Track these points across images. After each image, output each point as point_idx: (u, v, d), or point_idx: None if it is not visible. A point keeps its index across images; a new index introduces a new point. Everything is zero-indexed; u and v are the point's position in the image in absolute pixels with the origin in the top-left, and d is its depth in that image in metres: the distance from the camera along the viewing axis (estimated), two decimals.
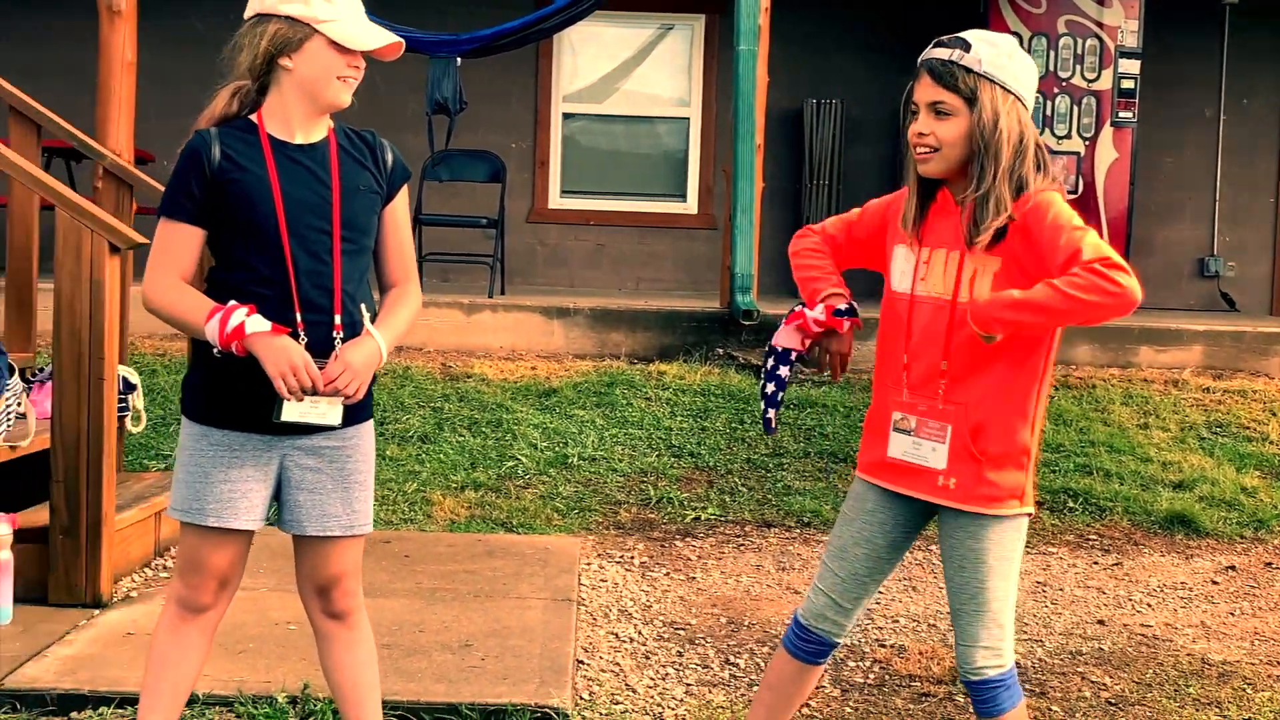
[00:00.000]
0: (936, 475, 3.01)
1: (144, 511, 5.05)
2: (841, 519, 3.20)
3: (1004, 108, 2.94)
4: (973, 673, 3.06)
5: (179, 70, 10.82)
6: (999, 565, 3.01)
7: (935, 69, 2.98)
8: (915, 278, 3.07)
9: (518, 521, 6.05)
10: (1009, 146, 2.94)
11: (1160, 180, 11.26)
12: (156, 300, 3.00)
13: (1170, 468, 6.99)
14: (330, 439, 3.07)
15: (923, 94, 2.99)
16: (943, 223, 3.05)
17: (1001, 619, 3.04)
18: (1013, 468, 3.01)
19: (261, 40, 2.99)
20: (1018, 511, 3.03)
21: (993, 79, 2.94)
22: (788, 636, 3.25)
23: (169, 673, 3.11)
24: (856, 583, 3.16)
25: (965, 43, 2.98)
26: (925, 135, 2.98)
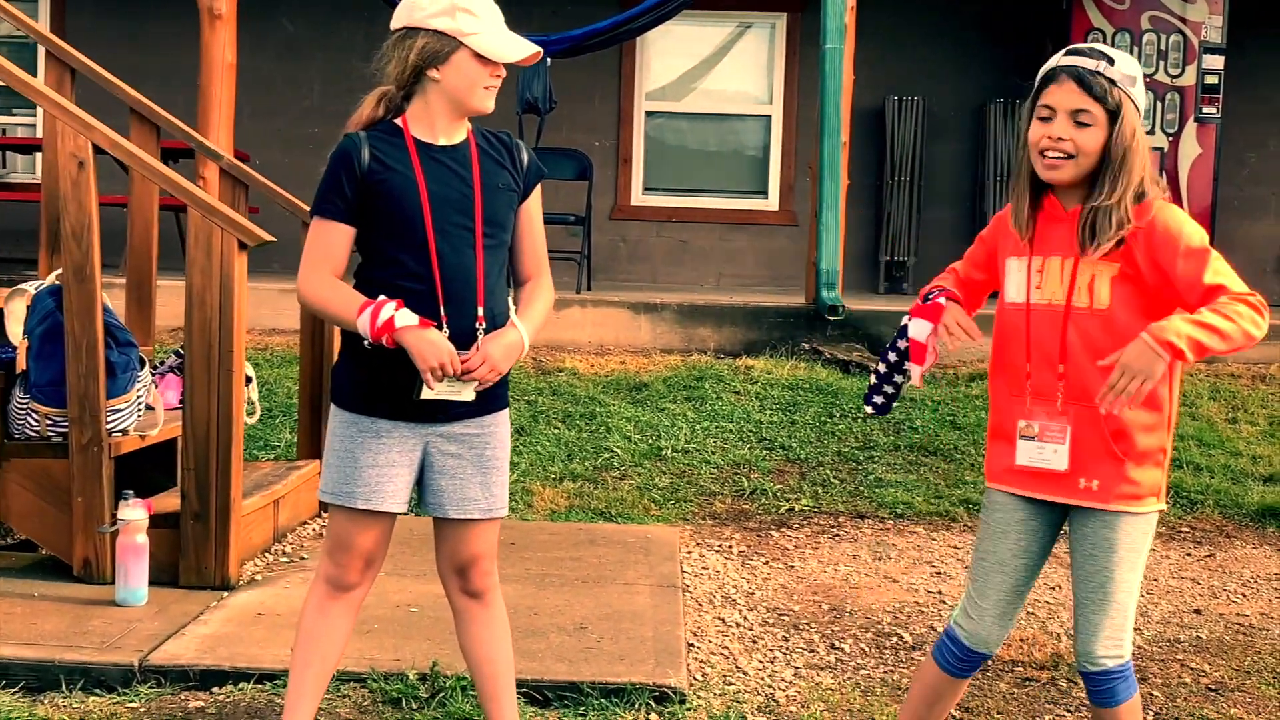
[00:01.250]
0: (1078, 478, 3.08)
1: (264, 499, 5.25)
2: (990, 534, 3.22)
3: (1138, 124, 3.02)
4: (1092, 663, 3.13)
5: (270, 71, 11.10)
6: (1129, 556, 3.08)
7: (1083, 78, 3.00)
8: (1029, 286, 3.13)
9: (616, 511, 6.20)
10: (1138, 162, 3.01)
11: (1243, 176, 11.24)
12: (311, 295, 3.17)
13: (1260, 461, 7.03)
14: (469, 426, 3.23)
15: (1066, 100, 3.01)
16: (1053, 229, 3.11)
17: (1126, 611, 3.11)
18: (1151, 465, 3.09)
19: (410, 53, 3.14)
20: (1154, 509, 3.11)
21: (1132, 97, 3.02)
22: (942, 654, 3.29)
23: (317, 647, 3.27)
24: (1017, 594, 3.22)
25: (1109, 56, 3.03)
26: (1064, 141, 3.01)
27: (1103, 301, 3.03)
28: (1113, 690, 3.14)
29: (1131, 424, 3.05)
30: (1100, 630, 3.11)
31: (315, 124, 10.87)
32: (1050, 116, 3.04)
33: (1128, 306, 3.03)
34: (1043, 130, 3.05)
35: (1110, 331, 3.03)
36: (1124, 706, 3.15)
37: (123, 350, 4.89)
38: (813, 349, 8.41)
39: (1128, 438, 3.06)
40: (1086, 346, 3.05)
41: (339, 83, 10.70)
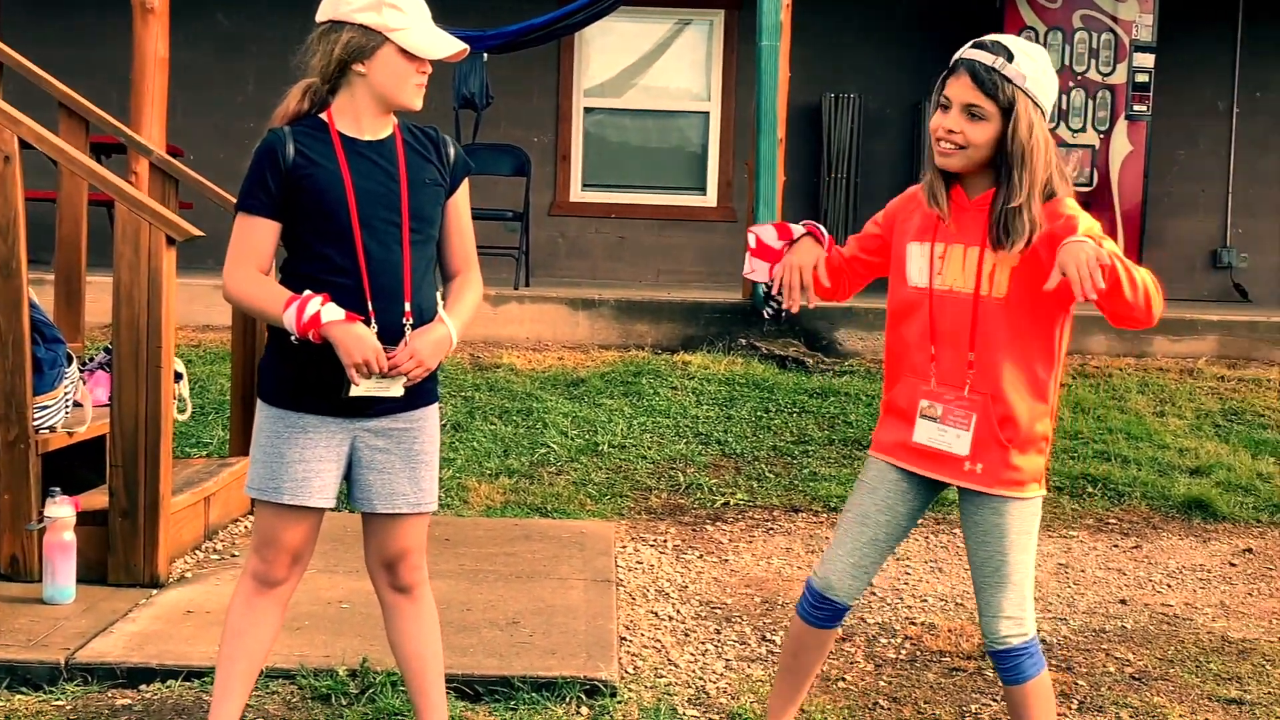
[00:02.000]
0: (963, 460, 3.17)
1: (195, 496, 5.22)
2: (862, 489, 3.32)
3: (1036, 121, 3.08)
4: (998, 642, 3.23)
5: (205, 65, 11.01)
6: (1020, 539, 3.19)
7: (978, 73, 3.08)
8: (932, 272, 3.21)
9: (551, 507, 6.21)
10: (1042, 160, 3.07)
11: (1174, 173, 11.40)
12: (236, 291, 3.17)
13: (1187, 454, 7.14)
14: (398, 421, 3.23)
15: (961, 93, 3.10)
16: (958, 218, 3.19)
17: (1023, 590, 3.21)
18: (1034, 453, 3.19)
19: (335, 47, 3.14)
20: (1037, 494, 3.22)
21: (1029, 93, 3.07)
22: (804, 606, 3.40)
23: (244, 644, 3.26)
24: (875, 548, 3.31)
25: (1009, 51, 3.09)
26: (955, 133, 3.10)
27: (1001, 290, 3.13)
28: (1020, 666, 3.23)
29: (1017, 412, 3.14)
30: (1003, 611, 3.21)
31: (250, 118, 10.78)
32: (948, 106, 3.13)
33: (1023, 296, 3.12)
34: (939, 120, 3.14)
35: (1005, 320, 3.12)
36: (1032, 683, 3.24)
37: (50, 346, 4.84)
38: (749, 344, 8.45)
39: (1014, 425, 3.16)
40: (990, 334, 3.13)
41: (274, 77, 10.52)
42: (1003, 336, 3.12)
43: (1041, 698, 3.26)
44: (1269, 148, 11.50)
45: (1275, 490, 6.75)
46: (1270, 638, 4.94)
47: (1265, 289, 11.51)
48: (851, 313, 8.65)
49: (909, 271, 3.27)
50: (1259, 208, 11.53)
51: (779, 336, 8.53)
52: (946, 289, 3.19)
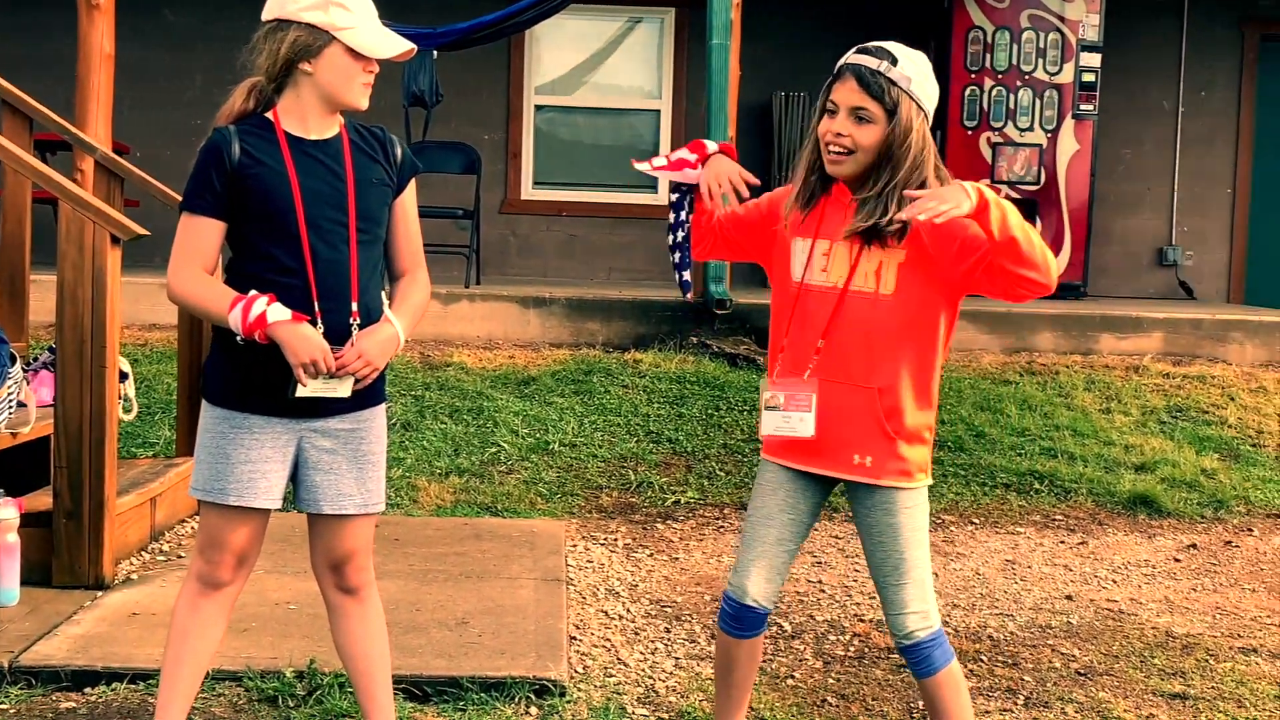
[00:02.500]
0: (851, 454, 3.21)
1: (140, 497, 5.17)
2: (762, 491, 3.35)
3: (916, 124, 3.13)
4: (906, 638, 3.27)
5: (152, 61, 10.91)
6: (914, 535, 3.24)
7: (864, 77, 3.12)
8: (814, 269, 3.24)
9: (502, 506, 6.20)
10: (910, 159, 3.12)
11: (1120, 172, 11.51)
12: (181, 291, 3.14)
13: (1132, 451, 7.21)
14: (345, 421, 3.22)
15: (847, 97, 3.14)
16: (840, 216, 3.22)
17: (924, 583, 3.26)
18: (919, 443, 3.24)
19: (281, 46, 3.12)
20: (924, 483, 3.27)
21: (913, 96, 3.13)
22: (724, 621, 3.40)
23: (189, 646, 3.24)
24: (783, 548, 3.33)
25: (893, 56, 3.15)
26: (843, 137, 3.14)
27: (888, 287, 3.17)
28: (929, 658, 3.27)
29: (903, 404, 3.19)
30: (907, 606, 3.25)
31: (198, 115, 10.62)
32: (835, 111, 3.16)
33: (913, 293, 3.16)
34: (827, 124, 3.17)
35: (894, 316, 3.16)
36: (942, 673, 3.28)
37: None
38: (700, 342, 8.47)
39: (898, 416, 3.20)
40: (859, 329, 3.17)
41: (222, 74, 10.46)
42: (891, 331, 3.17)
43: (953, 686, 3.30)
44: (1213, 146, 11.63)
45: (1219, 486, 6.84)
46: (1214, 633, 5.00)
47: (1210, 286, 11.64)
48: None
49: (792, 267, 3.30)
50: (1204, 206, 11.66)
51: (730, 334, 8.55)
52: (829, 285, 3.22)
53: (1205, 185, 11.65)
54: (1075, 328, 8.91)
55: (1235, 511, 6.62)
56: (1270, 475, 7.04)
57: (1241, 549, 6.14)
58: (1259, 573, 5.82)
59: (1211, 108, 11.60)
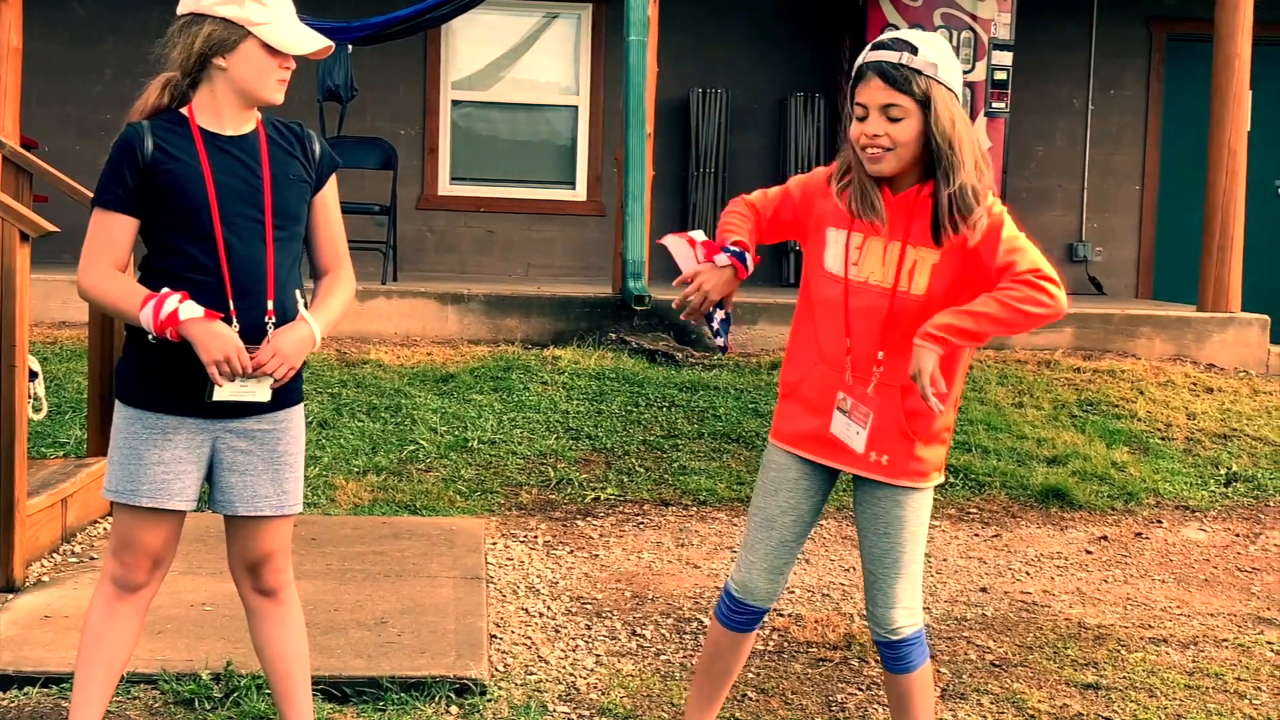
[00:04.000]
0: (868, 452, 3.18)
1: (51, 498, 5.09)
2: (764, 490, 3.32)
3: (956, 109, 3.08)
4: (892, 632, 3.26)
5: (60, 55, 10.72)
6: (917, 530, 3.23)
7: (887, 72, 3.06)
8: (848, 262, 3.19)
9: (421, 504, 6.16)
10: (969, 142, 3.08)
11: (1031, 168, 11.68)
12: (91, 288, 3.09)
13: (1044, 444, 7.32)
14: (261, 422, 3.18)
15: (874, 97, 3.08)
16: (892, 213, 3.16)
17: (917, 580, 3.27)
18: (938, 444, 3.23)
19: (195, 40, 3.08)
20: (936, 482, 3.26)
21: (942, 82, 3.07)
22: (721, 610, 3.39)
23: (104, 650, 3.19)
24: (786, 549, 3.32)
25: (911, 45, 3.09)
26: (879, 136, 3.07)
27: (920, 288, 3.13)
28: (909, 656, 3.27)
29: (924, 407, 3.14)
30: (899, 601, 3.25)
31: (108, 110, 10.52)
32: (865, 114, 3.11)
33: (942, 294, 3.13)
34: (860, 128, 3.12)
35: (921, 316, 3.12)
36: (919, 671, 3.30)
37: None
38: (620, 339, 8.47)
39: (921, 418, 3.17)
40: (903, 332, 3.14)
41: (133, 67, 10.30)
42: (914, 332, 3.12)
43: (925, 686, 3.32)
44: (1122, 144, 11.84)
45: (1129, 479, 6.96)
46: (1125, 623, 5.09)
47: (1119, 282, 11.85)
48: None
49: (826, 256, 3.24)
50: (1113, 203, 11.86)
51: (649, 330, 8.57)
52: (862, 280, 3.17)
53: (1114, 182, 11.86)
54: None
55: (1145, 504, 6.75)
56: (1179, 468, 7.19)
57: (1151, 540, 6.26)
58: (1168, 564, 5.94)
59: (1120, 105, 11.81)
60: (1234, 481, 7.08)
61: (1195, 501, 6.82)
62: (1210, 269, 9.32)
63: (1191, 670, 4.61)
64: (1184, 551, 6.13)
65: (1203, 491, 6.94)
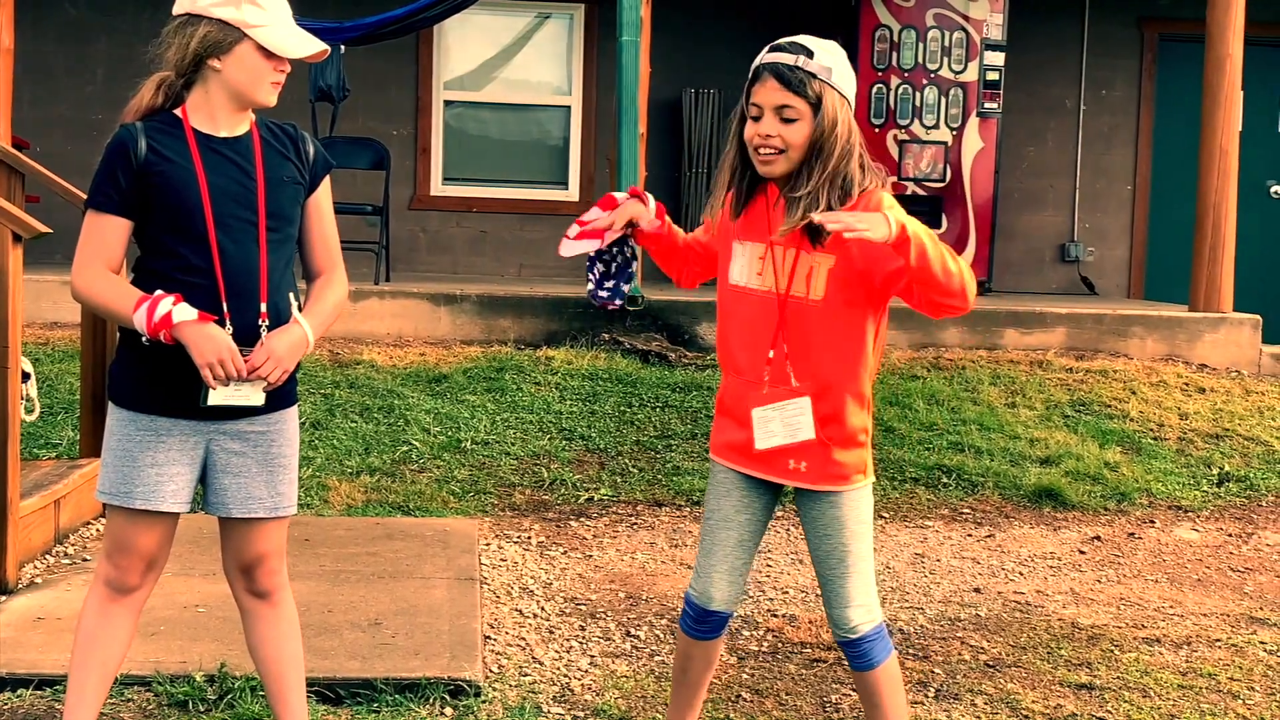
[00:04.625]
0: (786, 460, 3.21)
1: (45, 499, 5.07)
2: (716, 493, 3.34)
3: (841, 114, 3.12)
4: (850, 631, 3.26)
5: (52, 55, 10.70)
6: (859, 529, 3.24)
7: (783, 74, 3.09)
8: (749, 273, 3.23)
9: (414, 505, 6.16)
10: (839, 149, 3.11)
11: (1024, 169, 11.69)
12: (85, 290, 3.08)
13: (1037, 444, 7.33)
14: (255, 424, 3.18)
15: (769, 97, 3.11)
16: (776, 219, 3.19)
17: (868, 577, 3.27)
18: (855, 447, 3.24)
19: (191, 41, 3.08)
20: (864, 484, 3.26)
21: (834, 86, 3.11)
22: (685, 622, 3.40)
23: (97, 652, 3.19)
24: (743, 548, 3.33)
25: (808, 50, 3.13)
26: (772, 137, 3.10)
27: (818, 293, 3.15)
28: (870, 652, 3.27)
29: (835, 411, 3.18)
30: (853, 599, 3.25)
31: (99, 110, 10.51)
32: (760, 114, 3.13)
33: (842, 298, 3.15)
34: (754, 128, 3.14)
35: (824, 322, 3.15)
36: (882, 667, 3.29)
37: None
38: (612, 339, 8.47)
39: (835, 423, 3.19)
40: (809, 335, 3.17)
41: (124, 68, 10.31)
42: (820, 337, 3.16)
43: (892, 681, 3.31)
44: (1114, 144, 11.85)
45: (1122, 479, 6.97)
46: (1119, 623, 5.10)
47: (1110, 282, 11.86)
48: (713, 307, 8.67)
49: (731, 270, 3.29)
50: (1104, 203, 11.87)
51: (641, 331, 8.57)
52: (765, 289, 3.21)
53: (1106, 182, 11.87)
54: (981, 323, 9.03)
55: (1138, 504, 6.76)
56: (1171, 468, 7.20)
57: (1144, 540, 6.27)
58: (1161, 564, 5.95)
59: (1112, 106, 11.82)
60: (1226, 481, 7.09)
61: (1188, 501, 6.83)
62: (1202, 269, 9.34)
63: (1185, 670, 4.62)
64: (1177, 551, 6.14)
65: (1195, 491, 6.95)
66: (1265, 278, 11.66)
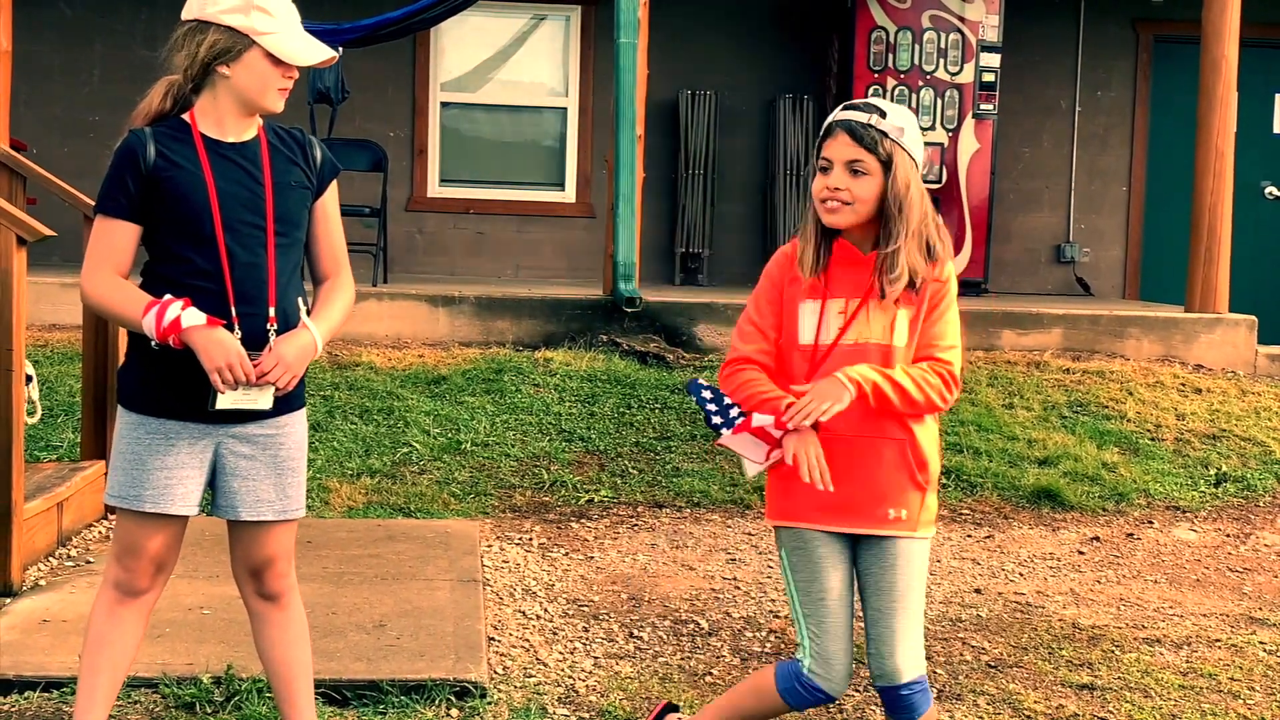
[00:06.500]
0: (886, 509, 3.20)
1: (47, 502, 5.08)
2: (813, 568, 3.24)
3: (913, 175, 3.20)
4: (897, 677, 3.22)
5: (48, 56, 10.69)
6: (922, 573, 3.27)
7: (856, 130, 3.17)
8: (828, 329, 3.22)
9: (415, 506, 6.17)
10: (919, 209, 3.19)
11: (1019, 170, 11.72)
12: (94, 295, 3.10)
13: (1035, 445, 7.35)
14: (264, 427, 3.19)
15: (840, 152, 3.18)
16: (849, 273, 3.24)
17: (920, 625, 3.28)
18: (933, 490, 3.29)
19: (200, 48, 3.09)
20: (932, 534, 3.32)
21: (905, 147, 3.19)
22: (794, 694, 3.29)
23: (107, 654, 3.20)
24: (850, 615, 3.28)
25: (881, 110, 3.20)
26: (840, 190, 3.17)
27: (901, 339, 3.23)
28: (915, 703, 3.25)
29: (928, 454, 3.23)
30: (905, 644, 3.23)
31: (95, 111, 10.51)
32: (829, 168, 3.21)
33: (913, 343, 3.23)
34: (822, 180, 3.22)
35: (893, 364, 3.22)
36: (925, 717, 3.27)
37: None
38: (611, 341, 8.48)
39: (927, 467, 3.23)
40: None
41: (120, 69, 10.35)
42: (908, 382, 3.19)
43: None
44: (1109, 145, 11.88)
45: (1120, 480, 7.00)
46: (1119, 624, 5.12)
47: (1106, 283, 11.89)
48: (711, 308, 8.74)
49: (801, 330, 3.26)
50: (1099, 203, 11.90)
51: (640, 332, 8.58)
52: (851, 343, 3.21)
53: (1101, 183, 11.90)
54: (977, 324, 9.05)
55: (1136, 504, 6.79)
56: (1168, 468, 7.22)
57: (1143, 541, 6.29)
58: (1160, 564, 5.97)
59: (1107, 107, 11.85)
60: (1223, 482, 7.12)
61: (1185, 502, 6.86)
62: (1198, 270, 9.36)
63: (1185, 670, 4.64)
64: (1175, 552, 6.16)
65: (1193, 492, 6.98)
66: (1260, 279, 11.69)
